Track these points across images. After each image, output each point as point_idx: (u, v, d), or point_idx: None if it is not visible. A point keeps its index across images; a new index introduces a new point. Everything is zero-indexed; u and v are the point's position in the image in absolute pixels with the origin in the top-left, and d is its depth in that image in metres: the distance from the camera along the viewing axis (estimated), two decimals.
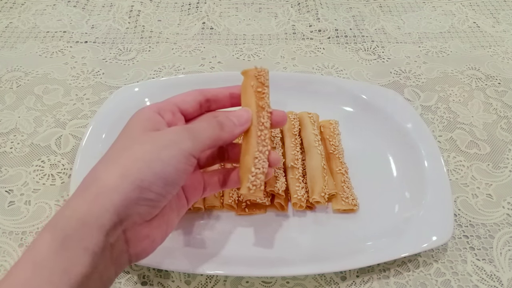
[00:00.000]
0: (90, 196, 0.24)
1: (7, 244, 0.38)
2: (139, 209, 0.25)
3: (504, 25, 0.67)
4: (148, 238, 0.27)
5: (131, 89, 0.49)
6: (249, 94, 0.32)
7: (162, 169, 0.25)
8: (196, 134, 0.28)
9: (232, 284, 0.36)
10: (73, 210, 0.24)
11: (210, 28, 0.65)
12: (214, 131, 0.29)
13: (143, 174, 0.25)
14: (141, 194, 0.24)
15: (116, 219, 0.24)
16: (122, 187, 0.24)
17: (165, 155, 0.25)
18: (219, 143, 0.29)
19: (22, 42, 0.61)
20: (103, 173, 0.25)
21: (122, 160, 0.25)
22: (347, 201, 0.40)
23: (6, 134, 0.48)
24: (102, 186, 0.24)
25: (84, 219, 0.23)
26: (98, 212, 0.24)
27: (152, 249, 0.28)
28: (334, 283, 0.36)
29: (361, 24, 0.66)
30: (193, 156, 0.27)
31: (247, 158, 0.30)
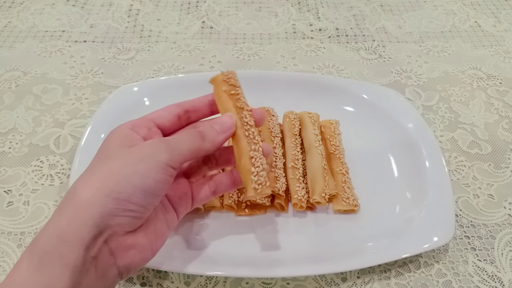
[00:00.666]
0: (69, 212, 0.24)
1: (6, 245, 0.38)
2: (119, 220, 0.25)
3: (506, 24, 0.67)
4: (135, 248, 0.27)
5: (130, 88, 0.49)
6: (224, 99, 0.32)
7: (140, 181, 0.25)
8: (173, 145, 0.28)
9: (232, 285, 0.36)
10: (52, 228, 0.24)
11: (210, 27, 0.65)
12: (194, 142, 0.28)
13: (121, 186, 0.25)
14: (120, 205, 0.25)
15: (95, 231, 0.24)
16: (100, 200, 0.24)
17: (142, 168, 0.26)
18: (201, 153, 0.29)
19: (20, 42, 0.61)
20: (80, 188, 0.25)
21: (99, 175, 0.25)
22: (347, 202, 0.39)
23: (4, 134, 0.48)
24: (79, 200, 0.24)
25: (63, 235, 0.24)
26: (76, 226, 0.24)
27: (142, 260, 0.27)
28: (335, 284, 0.36)
29: (362, 23, 0.66)
30: (171, 167, 0.27)
31: (244, 160, 0.30)
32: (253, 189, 0.29)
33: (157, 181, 0.26)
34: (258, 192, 0.29)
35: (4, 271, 0.36)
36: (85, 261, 0.24)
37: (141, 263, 0.27)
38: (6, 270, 0.36)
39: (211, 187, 0.32)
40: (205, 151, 0.29)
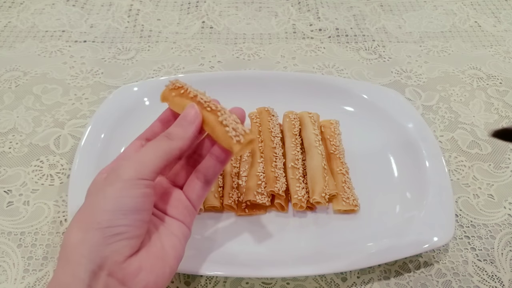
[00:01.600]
0: (62, 261, 0.25)
1: (6, 245, 0.38)
2: (112, 247, 0.25)
3: (506, 24, 0.67)
4: (143, 270, 0.26)
5: (130, 88, 0.49)
6: (177, 101, 0.31)
7: (115, 204, 0.25)
8: (137, 158, 0.27)
9: (232, 285, 0.36)
10: (53, 281, 0.25)
11: (210, 27, 0.65)
12: (161, 146, 0.28)
13: (97, 217, 0.25)
14: (105, 234, 0.24)
15: (92, 267, 0.24)
16: (84, 237, 0.25)
17: (111, 192, 0.26)
18: (174, 153, 0.28)
19: (20, 42, 0.61)
20: (67, 237, 0.25)
21: (78, 218, 0.26)
22: (347, 202, 0.39)
23: (4, 134, 0.48)
24: (68, 247, 0.25)
25: (62, 283, 0.24)
26: (72, 270, 0.24)
27: (158, 278, 0.26)
28: (335, 284, 0.36)
29: (362, 23, 0.66)
30: (142, 179, 0.26)
31: (216, 128, 0.29)
32: (237, 143, 0.28)
33: (132, 197, 0.26)
34: (243, 143, 0.28)
35: (4, 271, 0.36)
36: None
37: (159, 281, 0.26)
38: (6, 270, 0.36)
39: (201, 178, 0.31)
40: (179, 150, 0.28)
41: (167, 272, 0.27)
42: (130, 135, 0.45)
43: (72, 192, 0.38)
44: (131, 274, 0.25)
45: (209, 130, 0.30)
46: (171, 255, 0.28)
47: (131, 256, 0.26)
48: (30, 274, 0.36)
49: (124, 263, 0.25)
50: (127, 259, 0.25)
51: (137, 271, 0.25)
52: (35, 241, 0.38)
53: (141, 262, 0.26)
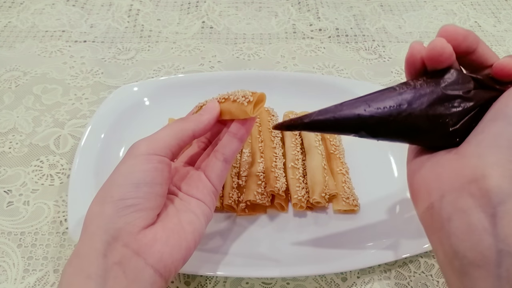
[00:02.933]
0: (83, 232, 0.26)
1: (6, 245, 0.38)
2: (125, 219, 0.26)
3: (506, 24, 0.67)
4: (158, 241, 0.26)
5: (130, 88, 0.49)
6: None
7: (127, 177, 0.27)
8: (151, 137, 0.29)
9: (232, 285, 0.36)
10: (74, 252, 0.26)
11: (210, 27, 0.65)
12: (174, 126, 0.30)
13: (111, 190, 0.27)
14: (118, 206, 0.26)
15: (107, 238, 0.25)
16: (100, 211, 0.26)
17: (123, 167, 0.27)
18: (187, 133, 0.29)
19: (20, 42, 0.61)
20: (88, 212, 0.27)
21: (97, 195, 0.28)
22: (347, 202, 0.39)
23: (4, 134, 0.48)
24: (87, 219, 0.27)
25: (79, 252, 0.25)
26: (88, 240, 0.25)
27: (173, 250, 0.27)
28: (335, 284, 0.36)
29: (362, 23, 0.66)
30: (154, 154, 0.27)
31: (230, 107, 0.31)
32: (248, 104, 0.29)
33: (143, 170, 0.27)
34: (253, 101, 0.30)
35: (4, 271, 0.36)
36: (107, 268, 0.24)
37: (174, 253, 0.27)
38: (6, 270, 0.36)
39: (219, 157, 0.31)
40: (191, 131, 0.30)
41: (183, 245, 0.28)
42: (130, 135, 0.46)
43: (72, 192, 0.38)
44: (146, 245, 0.26)
45: (227, 115, 0.31)
46: (188, 229, 0.28)
47: (145, 228, 0.26)
48: (30, 274, 0.36)
49: (139, 234, 0.26)
50: (141, 230, 0.26)
51: (151, 242, 0.26)
52: (35, 241, 0.38)
53: (156, 233, 0.27)
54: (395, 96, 0.25)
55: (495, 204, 0.21)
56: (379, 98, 0.25)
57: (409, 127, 0.25)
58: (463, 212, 0.22)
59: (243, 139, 0.31)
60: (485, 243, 0.21)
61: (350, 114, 0.25)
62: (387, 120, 0.25)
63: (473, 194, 0.21)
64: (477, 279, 0.21)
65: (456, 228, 0.22)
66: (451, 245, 0.22)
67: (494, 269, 0.20)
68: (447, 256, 0.23)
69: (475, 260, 0.21)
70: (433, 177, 0.24)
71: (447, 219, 0.23)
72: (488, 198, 0.21)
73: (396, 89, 0.26)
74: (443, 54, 0.24)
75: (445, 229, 0.23)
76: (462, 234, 0.22)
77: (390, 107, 0.25)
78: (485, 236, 0.21)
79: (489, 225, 0.21)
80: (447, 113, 0.24)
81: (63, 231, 0.39)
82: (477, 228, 0.21)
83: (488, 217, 0.21)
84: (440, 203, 0.23)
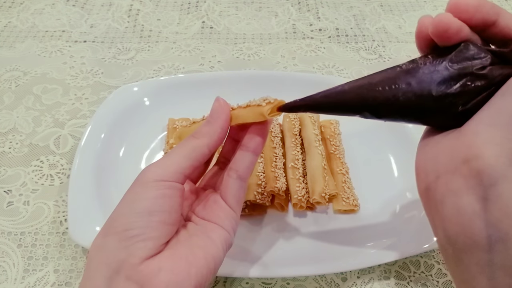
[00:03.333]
0: (86, 268, 0.25)
1: (6, 245, 0.38)
2: (129, 250, 0.24)
3: None
4: (164, 270, 0.24)
5: (130, 88, 0.49)
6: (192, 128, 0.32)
7: (131, 206, 0.25)
8: (160, 161, 0.27)
9: (232, 285, 0.36)
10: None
11: (210, 27, 0.65)
12: (186, 146, 0.27)
13: (114, 221, 0.25)
14: (121, 237, 0.24)
15: (109, 272, 0.23)
16: (102, 243, 0.25)
17: (127, 196, 0.26)
18: (201, 151, 0.27)
19: (20, 42, 0.61)
20: (91, 246, 0.26)
21: (102, 227, 0.26)
22: (347, 202, 0.39)
23: (4, 134, 0.48)
24: (90, 254, 0.25)
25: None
26: (90, 276, 0.24)
27: (179, 278, 0.24)
28: (335, 284, 0.36)
29: (362, 23, 0.66)
30: (162, 181, 0.25)
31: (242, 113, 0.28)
32: (266, 104, 0.27)
33: (146, 199, 0.25)
34: (273, 102, 0.27)
35: (4, 271, 0.36)
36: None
37: (180, 281, 0.24)
38: (6, 270, 0.36)
39: (232, 175, 0.28)
40: (206, 147, 0.27)
41: (192, 272, 0.25)
42: (130, 135, 0.46)
43: (72, 192, 0.38)
44: (149, 275, 0.24)
45: (238, 120, 0.28)
46: (198, 255, 0.26)
47: (149, 258, 0.24)
48: (30, 274, 0.36)
49: (141, 265, 0.24)
50: (144, 261, 0.24)
51: (155, 272, 0.24)
52: (35, 241, 0.38)
53: (160, 262, 0.24)
54: (399, 75, 0.24)
55: (486, 186, 0.19)
56: (383, 77, 0.24)
57: (414, 108, 0.23)
58: (454, 194, 0.20)
59: (257, 152, 0.28)
60: (475, 228, 0.19)
61: (353, 94, 0.24)
62: (391, 100, 0.23)
63: (465, 175, 0.20)
64: (469, 265, 0.20)
65: (448, 211, 0.21)
66: (444, 229, 0.21)
67: (485, 255, 0.19)
68: (441, 241, 0.22)
69: (465, 245, 0.20)
70: (430, 157, 0.23)
71: (440, 202, 0.21)
72: (480, 179, 0.19)
73: (402, 67, 0.24)
74: (449, 29, 0.22)
75: (439, 212, 0.22)
76: (453, 217, 0.20)
77: (393, 86, 0.23)
78: (475, 220, 0.19)
79: (480, 209, 0.19)
80: (454, 92, 0.22)
81: (63, 231, 0.39)
82: (467, 212, 0.20)
83: (479, 200, 0.19)
84: (435, 184, 0.22)
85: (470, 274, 0.20)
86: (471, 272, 0.20)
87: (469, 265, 0.20)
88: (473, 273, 0.20)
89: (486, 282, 0.20)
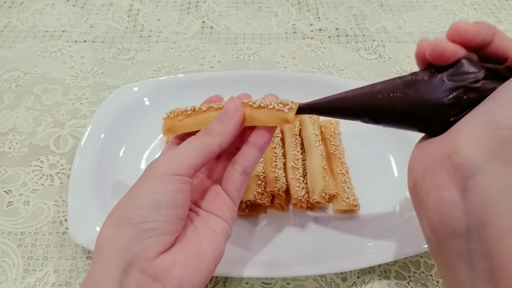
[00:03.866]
0: (95, 257, 0.24)
1: (6, 245, 0.38)
2: (144, 244, 0.24)
3: (506, 24, 0.66)
4: (178, 265, 0.24)
5: (130, 88, 0.49)
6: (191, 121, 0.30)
7: (148, 199, 0.25)
8: (173, 154, 0.27)
9: (232, 285, 0.36)
10: (86, 279, 0.24)
11: (210, 27, 0.65)
12: (199, 141, 0.27)
13: (130, 212, 0.25)
14: (137, 230, 0.24)
15: (123, 264, 0.23)
16: (116, 233, 0.24)
17: (144, 187, 0.26)
18: (213, 149, 0.27)
19: (20, 42, 0.61)
20: (100, 234, 0.25)
21: (111, 215, 0.26)
22: (347, 202, 0.39)
23: (4, 134, 0.48)
24: (100, 243, 0.25)
25: (92, 279, 0.24)
26: (103, 267, 0.23)
27: (190, 272, 0.25)
28: (335, 284, 0.36)
29: (362, 23, 0.66)
30: (176, 175, 0.26)
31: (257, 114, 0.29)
32: (289, 111, 0.28)
33: (165, 192, 0.25)
34: (295, 108, 0.28)
35: (4, 271, 0.36)
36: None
37: (193, 277, 0.25)
38: (6, 270, 0.36)
39: (238, 169, 0.29)
40: (217, 146, 0.27)
41: (203, 268, 0.26)
42: (130, 135, 0.46)
43: (72, 192, 0.38)
44: (164, 270, 0.24)
45: (249, 121, 0.29)
46: (208, 250, 0.26)
47: (164, 252, 0.25)
48: (30, 274, 0.36)
49: (156, 259, 0.24)
50: (158, 255, 0.24)
51: (170, 267, 0.24)
52: (35, 241, 0.38)
53: (174, 257, 0.25)
54: (399, 85, 0.26)
55: (465, 178, 0.21)
56: (383, 86, 0.26)
57: (410, 115, 0.26)
58: (437, 187, 0.22)
59: (263, 149, 0.29)
60: (455, 217, 0.21)
61: (355, 100, 0.27)
62: (388, 107, 0.26)
63: (448, 169, 0.22)
64: (450, 252, 0.21)
65: (431, 202, 0.22)
66: (428, 220, 0.23)
67: (464, 243, 0.20)
68: (426, 232, 0.23)
69: (446, 233, 0.21)
70: (419, 156, 0.25)
71: (426, 195, 0.23)
72: (460, 172, 0.21)
73: (402, 78, 0.26)
74: (444, 53, 0.24)
75: (424, 204, 0.23)
76: (436, 207, 0.22)
77: (392, 95, 0.26)
78: (455, 209, 0.21)
79: (459, 199, 0.21)
80: (447, 103, 0.24)
81: (63, 231, 0.39)
82: (448, 202, 0.21)
83: (459, 191, 0.21)
84: (422, 180, 0.23)
85: (451, 261, 0.22)
86: (452, 259, 0.21)
87: (450, 253, 0.21)
88: (454, 260, 0.21)
89: (465, 268, 0.21)
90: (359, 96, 0.27)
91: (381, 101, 0.26)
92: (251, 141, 0.29)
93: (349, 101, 0.27)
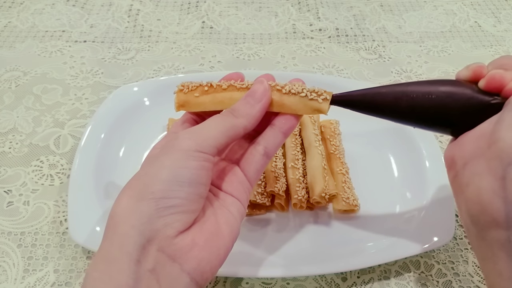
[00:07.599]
0: (110, 231, 0.23)
1: (6, 245, 0.38)
2: (164, 220, 0.23)
3: (506, 24, 0.66)
4: (197, 246, 0.23)
5: (130, 88, 0.49)
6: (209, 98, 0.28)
7: (171, 173, 0.23)
8: (197, 131, 0.25)
9: (232, 285, 0.36)
10: (99, 254, 0.22)
11: (210, 27, 0.65)
12: (224, 122, 0.26)
13: (152, 186, 0.23)
14: (159, 205, 0.23)
15: (141, 240, 0.22)
16: (136, 207, 0.23)
17: (167, 161, 0.24)
18: (238, 131, 0.26)
19: (21, 42, 0.61)
20: (116, 205, 0.24)
21: (129, 186, 0.24)
22: (347, 202, 0.39)
23: (4, 134, 0.48)
24: (116, 216, 0.23)
25: (107, 256, 0.22)
26: (120, 242, 0.22)
27: (211, 255, 0.24)
28: (335, 284, 0.36)
29: (362, 23, 0.66)
30: (200, 152, 0.24)
31: (286, 100, 0.28)
32: (323, 101, 0.27)
33: (189, 168, 0.24)
34: (329, 99, 0.28)
35: (4, 271, 0.36)
36: (140, 277, 0.21)
37: (212, 259, 0.24)
38: (6, 270, 0.36)
39: (260, 150, 0.27)
40: (242, 128, 0.26)
41: (222, 249, 0.25)
42: (130, 135, 0.46)
43: (72, 192, 0.38)
44: (183, 250, 0.23)
45: (276, 107, 0.28)
46: (225, 231, 0.25)
47: (184, 231, 0.23)
48: (30, 274, 0.36)
49: (176, 238, 0.23)
50: (179, 234, 0.23)
51: (189, 247, 0.23)
52: (35, 241, 0.38)
53: (194, 237, 0.24)
54: (432, 88, 0.27)
55: (505, 165, 0.20)
56: (416, 88, 0.27)
57: (441, 115, 0.26)
58: (477, 176, 0.22)
59: (287, 135, 0.28)
60: (494, 206, 0.21)
61: (387, 97, 0.27)
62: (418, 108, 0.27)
63: (488, 158, 0.22)
64: (491, 242, 0.21)
65: (471, 192, 0.22)
66: (468, 210, 0.23)
67: (505, 232, 0.20)
68: (466, 223, 0.23)
69: (486, 223, 0.21)
70: (458, 149, 0.25)
71: (466, 185, 0.23)
72: (500, 159, 0.21)
73: (436, 81, 0.27)
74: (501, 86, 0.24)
75: (464, 194, 0.23)
76: (475, 197, 0.22)
77: (427, 96, 0.26)
78: (494, 199, 0.21)
79: (499, 187, 0.21)
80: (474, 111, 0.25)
81: (63, 231, 0.39)
82: (487, 191, 0.21)
83: (498, 179, 0.21)
84: (463, 170, 0.24)
85: (492, 251, 0.21)
86: (492, 249, 0.21)
87: (490, 243, 0.21)
88: (494, 250, 0.21)
89: (506, 258, 0.21)
90: (393, 93, 0.27)
91: (415, 100, 0.26)
92: (277, 124, 0.28)
93: (381, 97, 0.27)
